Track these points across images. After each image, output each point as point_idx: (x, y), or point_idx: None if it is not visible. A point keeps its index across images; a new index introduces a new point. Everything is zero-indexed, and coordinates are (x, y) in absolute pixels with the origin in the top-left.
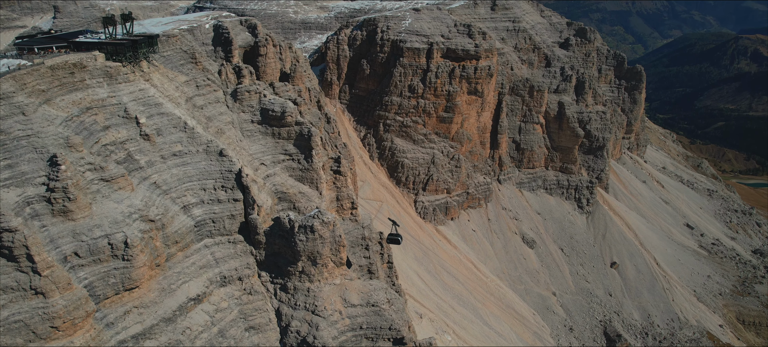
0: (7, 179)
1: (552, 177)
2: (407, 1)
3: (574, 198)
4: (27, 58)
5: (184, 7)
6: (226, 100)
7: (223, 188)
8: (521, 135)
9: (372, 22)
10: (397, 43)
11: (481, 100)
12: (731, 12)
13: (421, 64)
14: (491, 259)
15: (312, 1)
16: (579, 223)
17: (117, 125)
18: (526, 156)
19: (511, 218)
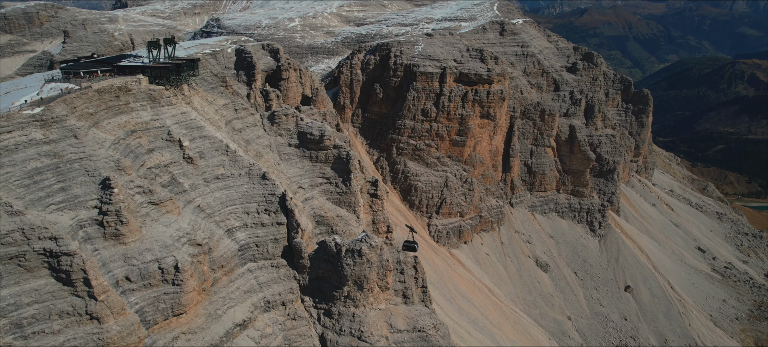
0: (60, 202)
1: (564, 200)
2: (412, 26)
3: (586, 221)
4: (74, 81)
5: (190, 32)
6: (262, 123)
7: (267, 211)
8: (533, 158)
9: (385, 47)
10: (410, 67)
11: (494, 123)
12: (726, 37)
13: (434, 89)
14: (505, 283)
15: (318, 27)
16: (591, 246)
17: (161, 148)
18: (538, 179)
19: (524, 242)
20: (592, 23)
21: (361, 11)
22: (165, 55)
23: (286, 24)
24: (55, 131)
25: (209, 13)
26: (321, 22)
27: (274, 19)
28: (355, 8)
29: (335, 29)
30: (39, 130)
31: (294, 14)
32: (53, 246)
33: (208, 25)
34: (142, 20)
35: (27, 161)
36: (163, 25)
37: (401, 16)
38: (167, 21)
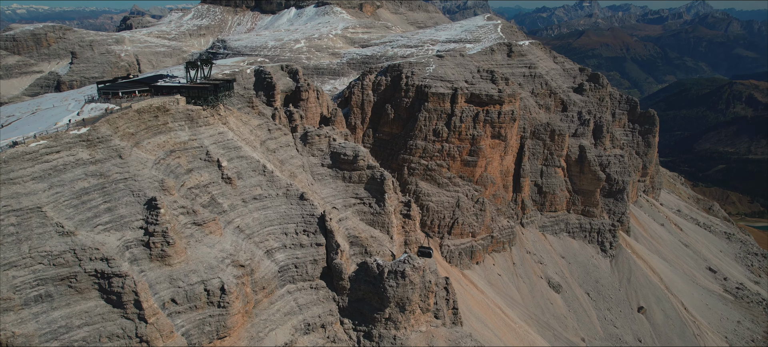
0: (107, 223)
1: (574, 220)
2: (417, 47)
3: (596, 242)
4: (113, 102)
5: (195, 53)
6: (295, 143)
7: (306, 232)
8: (543, 178)
9: (396, 68)
10: (421, 88)
11: (505, 144)
12: (722, 58)
13: (445, 109)
14: (518, 304)
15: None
16: (603, 267)
17: (199, 168)
18: (548, 199)
19: (536, 262)
20: (590, 45)
21: (366, 33)
22: (201, 76)
23: (291, 45)
24: (100, 151)
25: (214, 34)
26: (326, 43)
27: (280, 40)
28: (359, 30)
29: (340, 51)
30: (85, 150)
31: (299, 36)
32: (105, 267)
33: (214, 46)
34: (148, 41)
35: (75, 181)
36: (168, 46)
37: (405, 37)
38: (173, 42)
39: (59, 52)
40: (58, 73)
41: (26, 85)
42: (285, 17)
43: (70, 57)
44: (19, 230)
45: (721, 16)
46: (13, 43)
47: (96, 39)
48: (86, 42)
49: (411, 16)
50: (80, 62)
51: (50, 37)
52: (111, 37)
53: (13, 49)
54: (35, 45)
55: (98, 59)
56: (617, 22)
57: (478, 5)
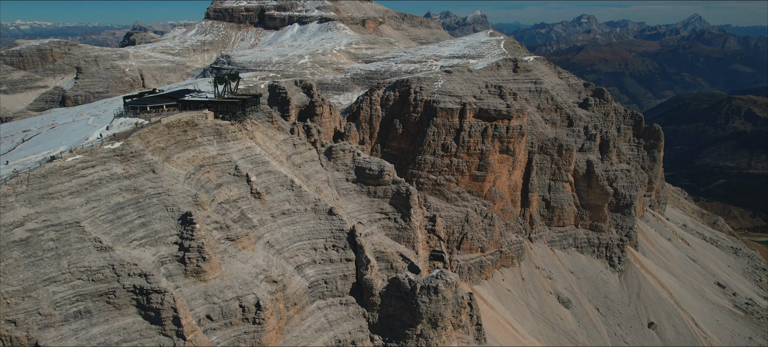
0: (142, 238)
1: (582, 235)
2: (421, 63)
3: (605, 256)
4: (142, 116)
5: (199, 68)
6: (319, 158)
7: (335, 247)
8: (551, 193)
9: (405, 83)
10: (430, 103)
11: (513, 158)
12: (720, 74)
13: (454, 124)
14: (528, 320)
15: (328, 64)
16: (612, 282)
17: (229, 183)
18: (557, 214)
19: (545, 277)
20: (589, 60)
21: (369, 49)
22: (227, 91)
23: (296, 61)
24: (134, 165)
25: (218, 49)
26: (330, 59)
27: (284, 56)
28: (363, 46)
29: (344, 66)
30: (119, 165)
31: (303, 51)
32: (143, 283)
33: (219, 62)
34: (153, 57)
35: (110, 196)
36: (172, 62)
37: (409, 53)
38: (177, 57)
39: (64, 67)
40: (63, 88)
41: (31, 100)
42: (288, 33)
43: (74, 72)
44: (58, 245)
45: (717, 32)
46: (19, 58)
47: (101, 54)
48: (91, 57)
49: (413, 32)
50: (85, 77)
51: (56, 52)
52: (115, 52)
53: (19, 65)
54: (41, 60)
55: (103, 74)
56: (615, 37)
57: (477, 21)
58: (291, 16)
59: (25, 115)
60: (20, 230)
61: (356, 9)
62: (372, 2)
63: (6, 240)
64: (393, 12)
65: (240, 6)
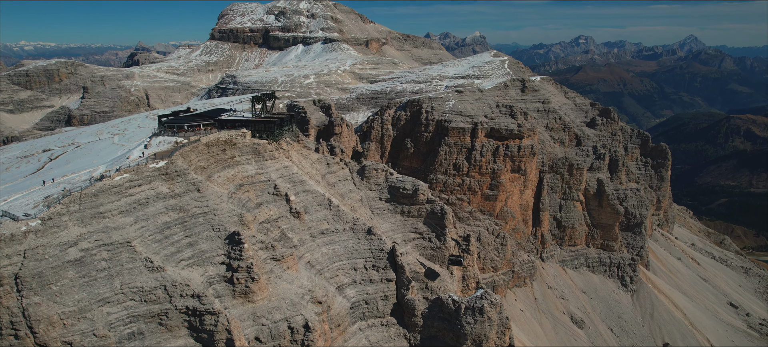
0: (189, 258)
1: (594, 255)
2: (426, 83)
3: (617, 276)
4: (181, 135)
5: (204, 88)
6: (352, 177)
7: (375, 267)
8: (562, 212)
9: (416, 103)
10: (441, 122)
11: (524, 178)
12: (717, 93)
13: (465, 143)
14: (542, 340)
15: (333, 84)
16: (625, 302)
17: (268, 202)
18: (568, 233)
19: (558, 297)
20: (588, 80)
21: (374, 69)
22: (263, 110)
23: (301, 81)
24: (179, 184)
25: (223, 69)
26: (335, 79)
27: (290, 76)
28: (367, 66)
29: (349, 86)
30: (164, 184)
31: (309, 72)
32: (196, 304)
33: (224, 82)
34: (158, 77)
35: (158, 215)
36: (177, 81)
37: (414, 73)
38: (182, 77)
39: (70, 87)
40: (69, 108)
41: (37, 119)
42: (293, 54)
43: (80, 92)
44: (110, 265)
45: (713, 52)
46: (26, 78)
47: (107, 74)
48: (97, 77)
49: (415, 52)
50: (91, 97)
51: (62, 72)
52: (121, 72)
53: (26, 85)
54: (47, 80)
55: (109, 94)
56: (613, 58)
57: (476, 42)
58: (295, 36)
59: (31, 134)
60: (74, 250)
61: (359, 30)
62: (375, 24)
63: (61, 260)
64: (396, 33)
65: (245, 27)
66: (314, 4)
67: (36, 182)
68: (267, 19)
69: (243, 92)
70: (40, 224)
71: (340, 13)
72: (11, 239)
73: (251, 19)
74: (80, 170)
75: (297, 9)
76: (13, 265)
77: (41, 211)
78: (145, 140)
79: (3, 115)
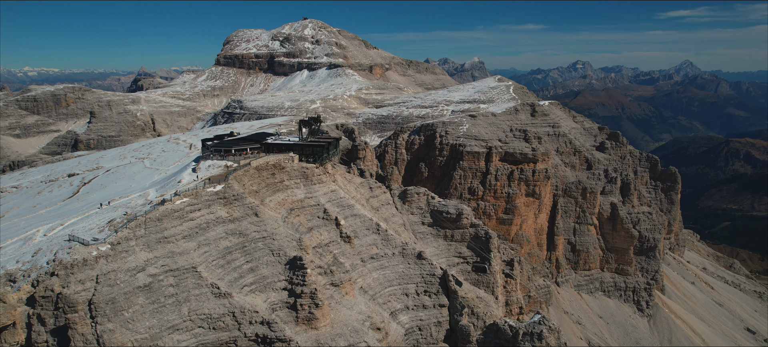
0: (252, 284)
1: (609, 279)
2: (432, 108)
3: (632, 300)
4: (230, 159)
5: (209, 113)
6: (394, 201)
7: (427, 293)
8: (576, 236)
9: (430, 128)
10: (456, 146)
11: (539, 202)
12: (715, 117)
13: (480, 167)
14: None
15: (339, 109)
16: (642, 327)
17: (319, 227)
18: (582, 258)
19: (575, 323)
20: (587, 104)
21: (379, 94)
22: (309, 134)
23: (307, 106)
24: (237, 209)
25: (228, 94)
26: (341, 104)
27: (296, 101)
28: (373, 91)
29: (355, 111)
30: (223, 208)
31: (315, 97)
32: (266, 332)
33: (230, 106)
34: (163, 101)
35: (219, 240)
36: (182, 106)
37: (419, 98)
38: (187, 102)
39: (77, 111)
40: (76, 132)
41: (43, 143)
42: (298, 79)
43: (86, 117)
44: (177, 291)
45: (709, 77)
46: (34, 103)
47: (113, 99)
48: (104, 102)
49: (419, 77)
50: (98, 121)
51: (70, 97)
52: (127, 97)
53: (33, 109)
54: (55, 105)
55: (115, 118)
56: (611, 82)
57: (476, 67)
58: (300, 62)
59: (38, 158)
60: (143, 276)
61: (364, 56)
62: (378, 50)
63: (132, 286)
64: (399, 58)
65: (250, 53)
66: (319, 30)
67: (83, 206)
68: (272, 45)
69: (249, 116)
70: (110, 249)
71: (345, 40)
72: (83, 264)
73: (256, 45)
74: (123, 193)
75: (302, 35)
76: (87, 291)
77: (108, 235)
78: (186, 162)
79: (9, 139)
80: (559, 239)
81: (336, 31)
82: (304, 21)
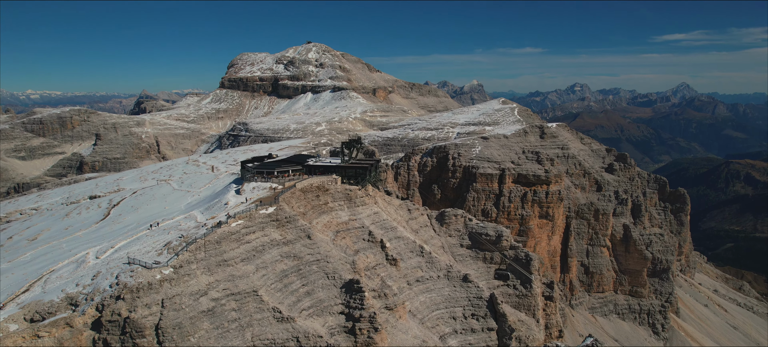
0: (309, 308)
1: (622, 301)
2: (438, 130)
3: (647, 323)
4: (277, 181)
5: (214, 135)
6: (431, 223)
7: (474, 316)
8: (589, 258)
9: (442, 150)
10: (469, 168)
11: (552, 223)
12: (713, 139)
13: (493, 189)
14: None
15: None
16: None
17: (365, 249)
18: (596, 280)
19: None
20: (586, 126)
21: (384, 116)
22: (350, 156)
23: (313, 128)
24: (290, 231)
25: (232, 117)
26: (346, 126)
27: (302, 123)
28: (378, 114)
29: (361, 133)
30: (276, 230)
31: (320, 119)
32: None
33: (235, 129)
34: (168, 124)
35: (275, 263)
36: (187, 129)
37: (424, 120)
38: (192, 125)
39: (82, 134)
40: (81, 154)
41: (48, 166)
42: (302, 102)
43: (91, 139)
44: (240, 315)
45: (706, 99)
46: (40, 125)
47: (118, 121)
48: (109, 124)
49: (421, 100)
50: (104, 143)
51: (75, 119)
52: (132, 119)
53: (39, 132)
54: (60, 127)
55: (121, 140)
56: (609, 105)
57: (475, 90)
58: (304, 85)
59: (43, 180)
60: (206, 300)
61: (367, 79)
62: (381, 73)
63: (196, 310)
64: (401, 81)
65: (254, 76)
66: (323, 53)
67: (122, 228)
68: (276, 68)
69: (255, 139)
70: (173, 273)
71: (348, 63)
72: (149, 287)
73: (261, 68)
74: (159, 215)
75: (306, 59)
76: (153, 315)
77: (169, 258)
78: (222, 184)
79: (14, 162)
80: (572, 261)
81: (340, 54)
82: (308, 45)
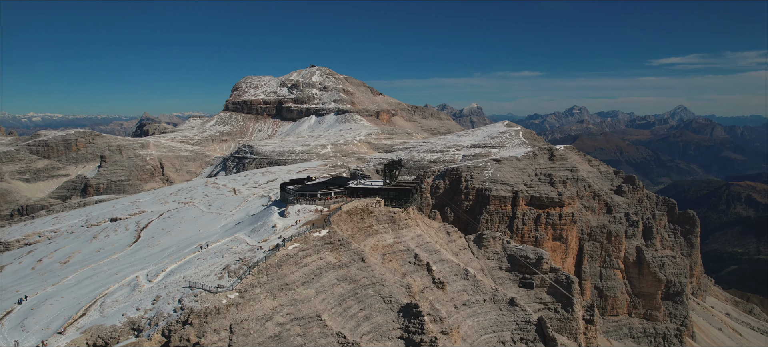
0: (369, 332)
1: (637, 325)
2: (443, 153)
3: None
4: (322, 204)
5: (218, 157)
6: (469, 246)
7: (523, 340)
8: (603, 281)
9: (455, 172)
10: (482, 191)
11: (566, 246)
12: (712, 161)
13: (506, 211)
14: None
15: (350, 154)
16: None
17: (411, 273)
18: (609, 303)
19: None
20: (585, 148)
21: (389, 139)
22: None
23: (318, 150)
24: (344, 254)
25: (236, 139)
26: (351, 149)
27: (307, 146)
28: (382, 136)
29: (365, 155)
30: (331, 253)
31: (325, 141)
32: None
33: (240, 151)
34: (172, 146)
35: (333, 287)
36: (191, 151)
37: (429, 143)
38: (196, 147)
39: (87, 156)
40: (86, 176)
41: (52, 188)
42: (306, 124)
43: (95, 161)
44: (305, 341)
45: (704, 121)
46: (45, 147)
47: (123, 144)
48: (114, 146)
49: (424, 123)
50: (108, 166)
51: (80, 141)
52: (136, 142)
53: (44, 154)
54: (65, 149)
55: (125, 163)
56: (607, 127)
57: (474, 113)
58: (308, 108)
59: (47, 203)
60: (271, 325)
61: (370, 102)
62: (384, 96)
63: (263, 335)
64: (404, 104)
65: (258, 99)
66: (326, 77)
67: (160, 250)
68: (280, 91)
69: (260, 161)
70: (239, 297)
71: (352, 86)
72: (216, 312)
73: (265, 91)
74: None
75: (310, 82)
76: (222, 341)
77: (232, 282)
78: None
79: (19, 184)
80: (586, 284)
81: (343, 77)
82: (312, 68)
